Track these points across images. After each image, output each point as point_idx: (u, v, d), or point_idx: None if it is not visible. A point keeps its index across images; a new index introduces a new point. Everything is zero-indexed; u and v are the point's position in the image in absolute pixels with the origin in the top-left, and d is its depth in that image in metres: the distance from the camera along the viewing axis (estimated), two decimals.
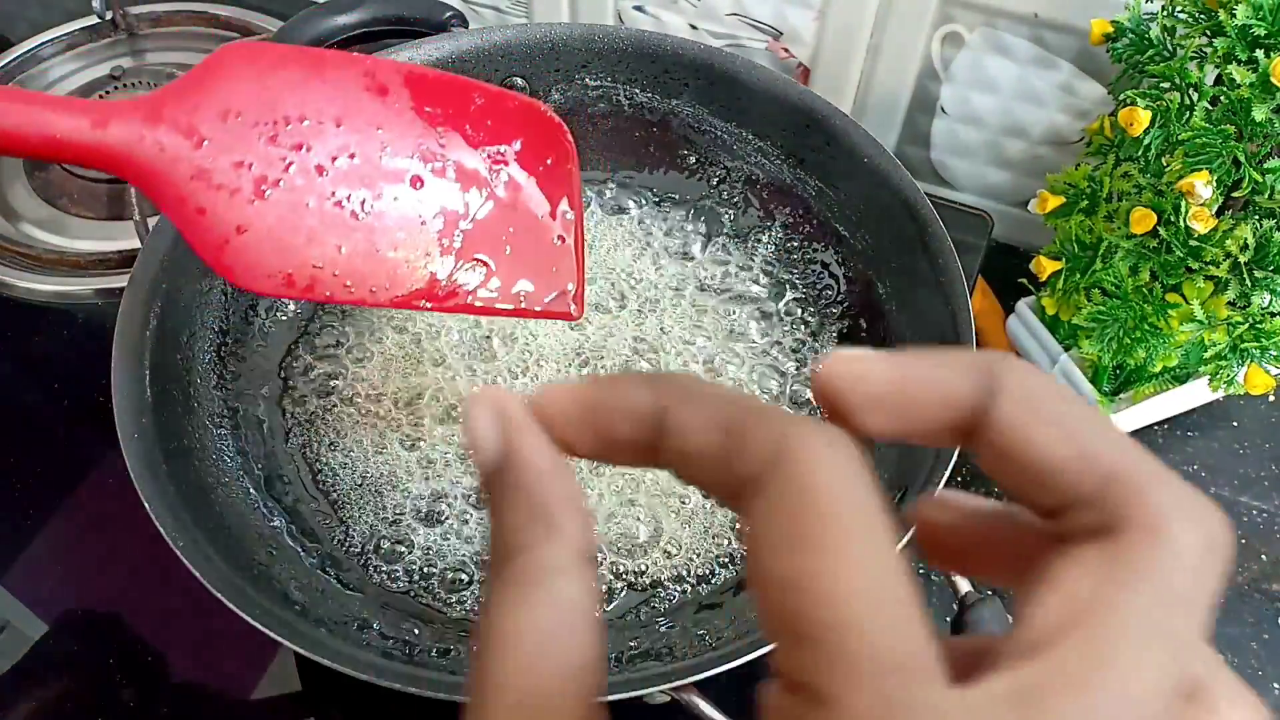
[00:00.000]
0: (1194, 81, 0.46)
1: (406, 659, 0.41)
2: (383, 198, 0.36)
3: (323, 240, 0.34)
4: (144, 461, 0.40)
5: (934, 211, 0.48)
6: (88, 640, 0.49)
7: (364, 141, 0.35)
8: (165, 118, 0.32)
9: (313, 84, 0.35)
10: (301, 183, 0.34)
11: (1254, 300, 0.46)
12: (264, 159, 0.33)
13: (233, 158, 0.33)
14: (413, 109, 0.37)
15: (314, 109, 0.35)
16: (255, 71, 0.34)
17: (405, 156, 0.36)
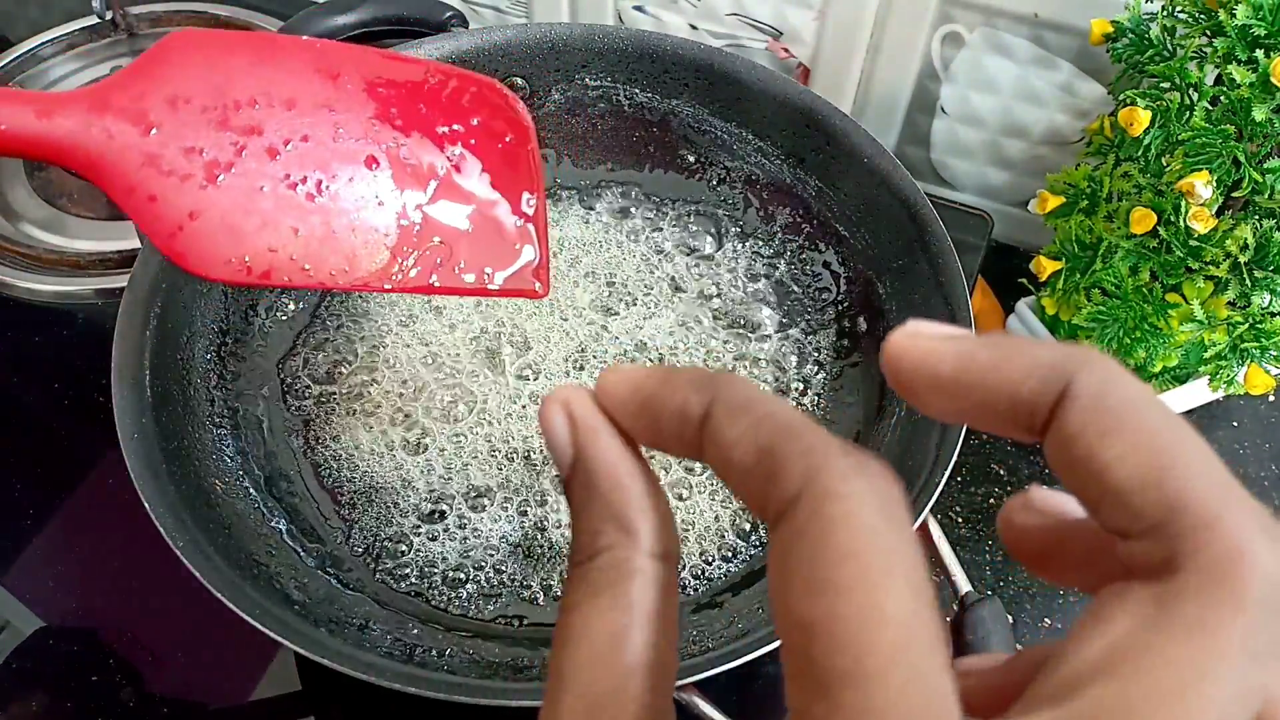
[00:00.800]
0: (1194, 81, 0.46)
1: (406, 659, 0.41)
2: (338, 179, 0.35)
3: (278, 224, 0.34)
4: (144, 461, 0.40)
5: (934, 211, 0.48)
6: (88, 640, 0.49)
7: (316, 124, 0.35)
8: (112, 105, 0.31)
9: (262, 68, 0.34)
10: (254, 166, 0.33)
11: (1254, 300, 0.46)
12: (215, 143, 0.33)
13: (183, 144, 0.32)
14: (365, 90, 0.36)
15: (264, 92, 0.34)
16: (203, 56, 0.33)
17: (358, 138, 0.35)
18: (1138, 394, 0.15)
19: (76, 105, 0.31)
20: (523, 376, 0.52)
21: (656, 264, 0.57)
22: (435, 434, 0.50)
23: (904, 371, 0.16)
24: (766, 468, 0.15)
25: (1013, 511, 0.18)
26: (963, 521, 0.55)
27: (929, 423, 0.44)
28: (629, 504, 0.17)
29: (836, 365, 0.53)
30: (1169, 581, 0.13)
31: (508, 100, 0.39)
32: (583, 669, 0.15)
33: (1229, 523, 0.13)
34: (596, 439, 0.17)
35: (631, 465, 0.17)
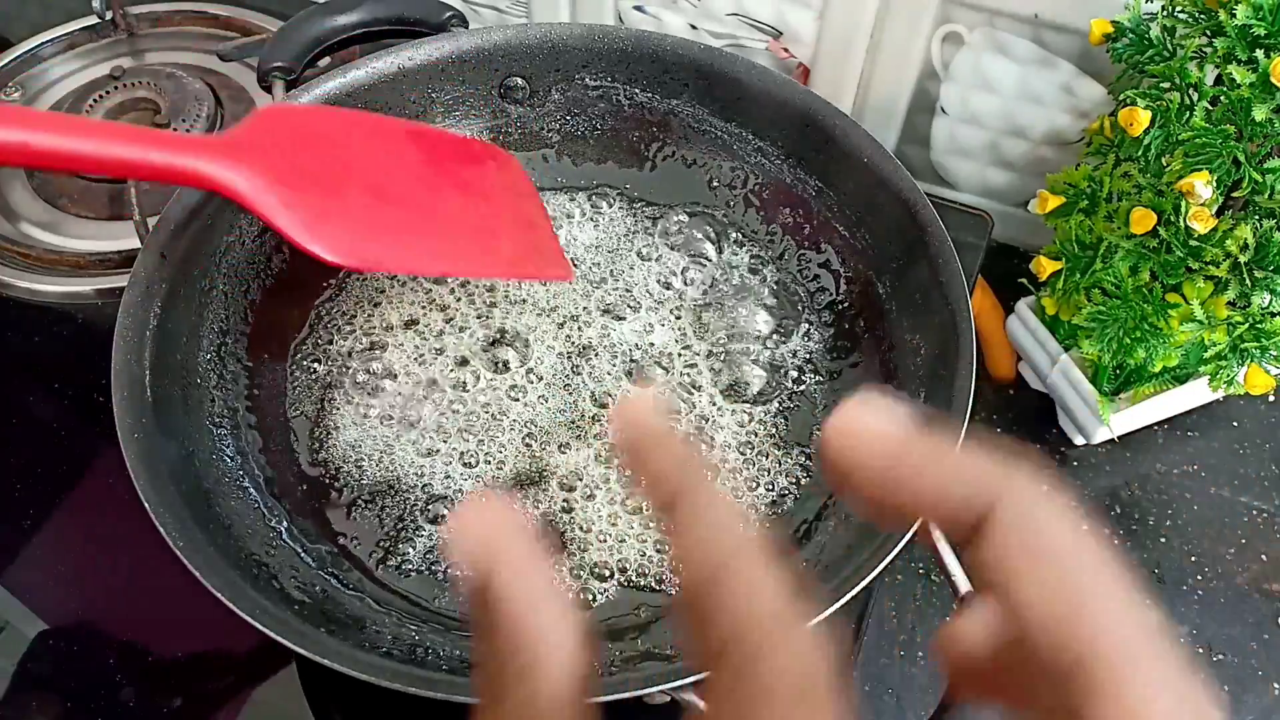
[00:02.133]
0: (1194, 81, 0.46)
1: (406, 659, 0.41)
2: (413, 198, 0.46)
3: (381, 226, 0.44)
4: (144, 461, 0.40)
5: (934, 211, 0.48)
6: (87, 640, 0.49)
7: (385, 158, 0.47)
8: (244, 153, 0.41)
9: (340, 124, 0.48)
10: (355, 186, 0.44)
11: (1254, 300, 0.46)
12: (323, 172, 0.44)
13: (302, 174, 0.43)
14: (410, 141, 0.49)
15: (345, 141, 0.46)
16: (296, 117, 0.46)
17: (418, 170, 0.47)
18: (1059, 529, 0.14)
19: (218, 152, 0.40)
20: (525, 377, 0.52)
21: (656, 264, 0.57)
22: (436, 435, 0.50)
23: (832, 458, 0.16)
24: (708, 600, 0.15)
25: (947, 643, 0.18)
26: None
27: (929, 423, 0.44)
28: (540, 638, 0.16)
29: (837, 365, 0.53)
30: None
31: (500, 152, 0.54)
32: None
33: (1133, 687, 0.13)
34: (510, 563, 0.16)
35: (547, 591, 0.16)
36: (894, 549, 0.38)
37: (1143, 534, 0.54)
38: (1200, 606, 0.52)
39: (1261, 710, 0.48)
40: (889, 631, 0.50)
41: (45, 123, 0.38)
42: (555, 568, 0.17)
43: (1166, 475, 0.56)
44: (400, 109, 0.56)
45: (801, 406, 0.52)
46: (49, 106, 0.72)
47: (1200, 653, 0.50)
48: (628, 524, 0.47)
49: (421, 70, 0.56)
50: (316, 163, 0.43)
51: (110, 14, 0.75)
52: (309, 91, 0.53)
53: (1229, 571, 0.53)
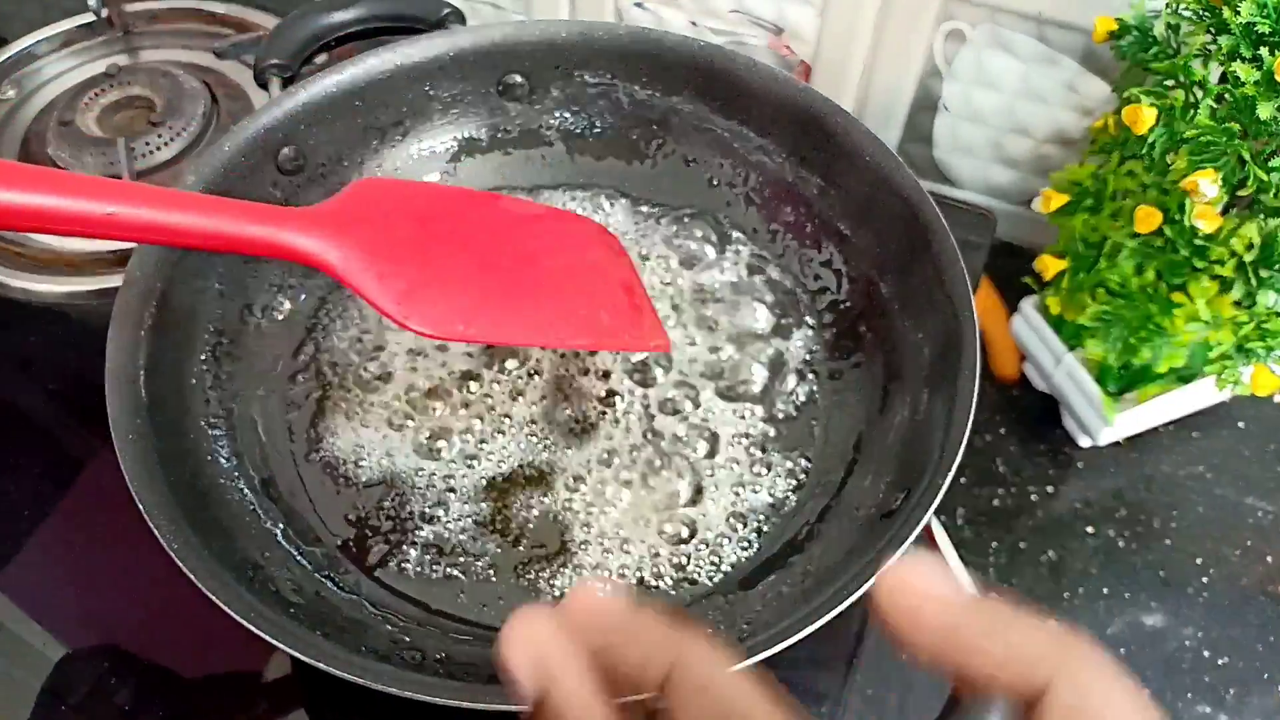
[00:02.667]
0: (1199, 79, 0.46)
1: (403, 662, 0.40)
2: (508, 269, 0.45)
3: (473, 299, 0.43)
4: (139, 462, 0.40)
5: (937, 210, 0.48)
6: (83, 642, 0.49)
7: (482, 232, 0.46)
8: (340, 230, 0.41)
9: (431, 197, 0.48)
10: (447, 258, 0.44)
11: (1260, 300, 0.46)
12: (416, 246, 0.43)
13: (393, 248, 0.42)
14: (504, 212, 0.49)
15: (437, 213, 0.46)
16: (390, 189, 0.47)
17: (517, 244, 0.47)
18: (1114, 709, 0.15)
19: (315, 225, 0.41)
20: (526, 377, 0.52)
21: (657, 263, 0.57)
22: (435, 437, 0.50)
23: (888, 617, 0.16)
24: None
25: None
26: (966, 523, 0.54)
27: (932, 423, 0.44)
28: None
29: (839, 365, 0.52)
30: None
31: (605, 231, 0.53)
32: None
33: None
34: (564, 682, 0.17)
35: (599, 707, 0.17)
36: (897, 552, 0.37)
37: (1148, 535, 0.54)
38: (1206, 608, 0.51)
39: (1266, 712, 0.48)
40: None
41: (137, 195, 0.37)
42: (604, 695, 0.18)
43: (1172, 476, 0.56)
44: (398, 106, 0.56)
45: (803, 407, 0.51)
46: (45, 105, 0.71)
47: (1206, 655, 0.50)
48: (630, 524, 0.47)
49: (419, 67, 0.55)
50: (409, 235, 0.43)
51: (106, 11, 0.75)
52: (306, 88, 0.53)
53: (1235, 573, 0.52)
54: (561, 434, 0.50)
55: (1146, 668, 0.49)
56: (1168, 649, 0.50)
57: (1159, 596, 0.52)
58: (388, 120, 0.56)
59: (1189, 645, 0.50)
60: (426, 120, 0.57)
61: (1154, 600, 0.51)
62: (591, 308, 0.47)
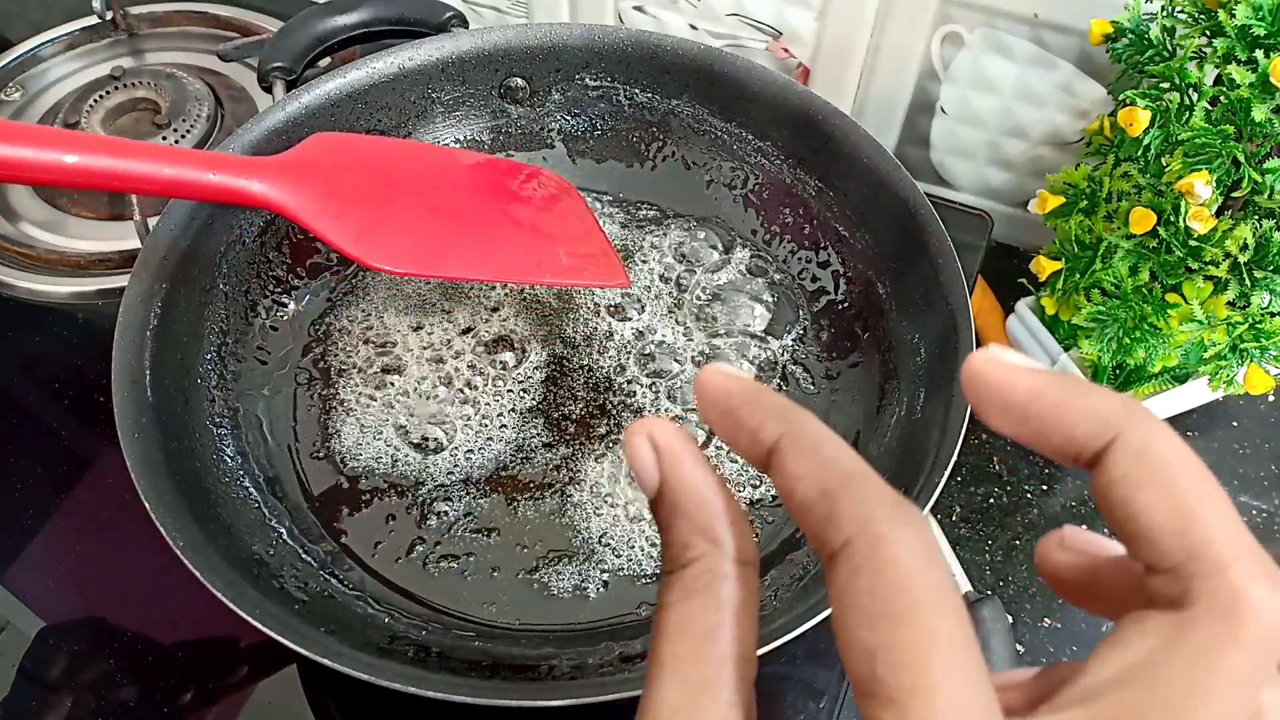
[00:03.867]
0: (1193, 82, 0.46)
1: (407, 658, 0.41)
2: (464, 212, 0.48)
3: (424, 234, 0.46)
4: (144, 461, 0.40)
5: (934, 212, 0.48)
6: (88, 640, 0.49)
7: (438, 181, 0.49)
8: (295, 174, 0.44)
9: (388, 150, 0.50)
10: (401, 201, 0.47)
11: (1254, 300, 0.46)
12: (372, 189, 0.46)
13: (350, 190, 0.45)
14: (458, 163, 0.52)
15: (394, 163, 0.49)
16: (346, 142, 0.49)
17: (473, 191, 0.50)
18: (1175, 452, 0.17)
19: (270, 172, 0.43)
20: (528, 378, 0.52)
21: (657, 264, 0.57)
22: (439, 435, 0.50)
23: (980, 389, 0.19)
24: (825, 508, 0.17)
25: (1049, 549, 0.21)
26: (962, 521, 0.55)
27: (928, 423, 0.44)
28: (715, 519, 0.19)
29: (836, 366, 0.53)
30: (1183, 614, 0.16)
31: (557, 177, 0.55)
32: (683, 660, 0.18)
33: (1237, 570, 0.16)
34: (680, 464, 0.19)
35: (714, 485, 0.19)
36: None
37: None
38: None
39: None
40: None
41: (100, 146, 0.39)
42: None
43: None
44: (401, 109, 0.56)
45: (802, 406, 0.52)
46: (49, 107, 0.72)
47: None
48: (630, 521, 0.47)
49: (422, 70, 0.56)
50: (365, 181, 0.46)
51: (110, 14, 0.75)
52: (309, 91, 0.53)
53: None
54: (564, 431, 0.50)
55: None
56: None
57: None
58: (390, 123, 0.57)
59: None
60: (429, 122, 0.58)
61: None
62: (549, 247, 0.49)
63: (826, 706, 0.47)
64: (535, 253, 0.49)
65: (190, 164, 0.41)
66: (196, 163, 0.41)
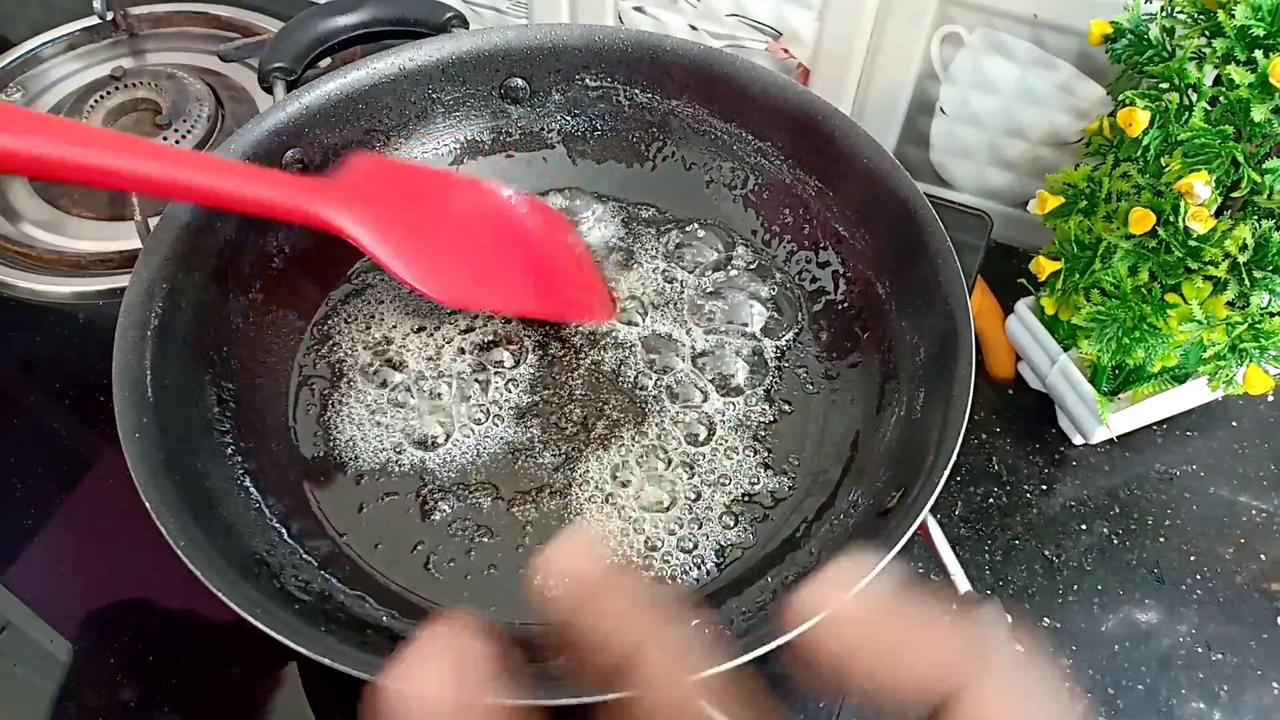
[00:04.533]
0: (1193, 82, 0.46)
1: None
2: (487, 245, 0.52)
3: (460, 269, 0.50)
4: (145, 461, 0.40)
5: (933, 212, 0.48)
6: (88, 640, 0.49)
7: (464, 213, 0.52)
8: (357, 202, 0.47)
9: (420, 179, 0.53)
10: (444, 236, 0.50)
11: (1253, 300, 0.47)
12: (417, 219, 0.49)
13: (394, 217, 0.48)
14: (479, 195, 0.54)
15: (428, 194, 0.52)
16: (388, 170, 0.51)
17: (492, 223, 0.53)
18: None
19: (337, 199, 0.46)
20: (529, 376, 0.52)
21: (658, 264, 0.57)
22: (440, 434, 0.50)
23: (819, 648, 0.17)
24: None
25: None
26: (962, 521, 0.55)
27: (928, 423, 0.44)
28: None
29: (836, 366, 0.53)
30: None
31: (550, 211, 0.57)
32: None
33: None
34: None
35: None
36: (892, 549, 0.38)
37: (1142, 533, 0.54)
38: (1199, 606, 0.52)
39: (1261, 710, 0.48)
40: None
41: (182, 161, 0.42)
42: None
43: (1165, 475, 0.57)
44: (401, 109, 0.57)
45: (800, 405, 0.52)
46: (49, 107, 0.72)
47: (1199, 652, 0.50)
48: (629, 520, 0.47)
49: (422, 71, 0.56)
50: (411, 212, 0.49)
51: (111, 14, 0.76)
52: (310, 91, 0.53)
53: (1228, 571, 0.53)
54: (563, 431, 0.50)
55: (1140, 665, 0.50)
56: (1162, 646, 0.50)
57: (1153, 594, 0.52)
58: (391, 123, 0.57)
59: (1183, 642, 0.51)
60: (429, 123, 0.58)
61: (1148, 598, 0.52)
62: (559, 283, 0.53)
63: (826, 706, 0.47)
64: (545, 286, 0.52)
65: (263, 183, 0.44)
66: (268, 182, 0.44)
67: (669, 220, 0.59)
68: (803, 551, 0.45)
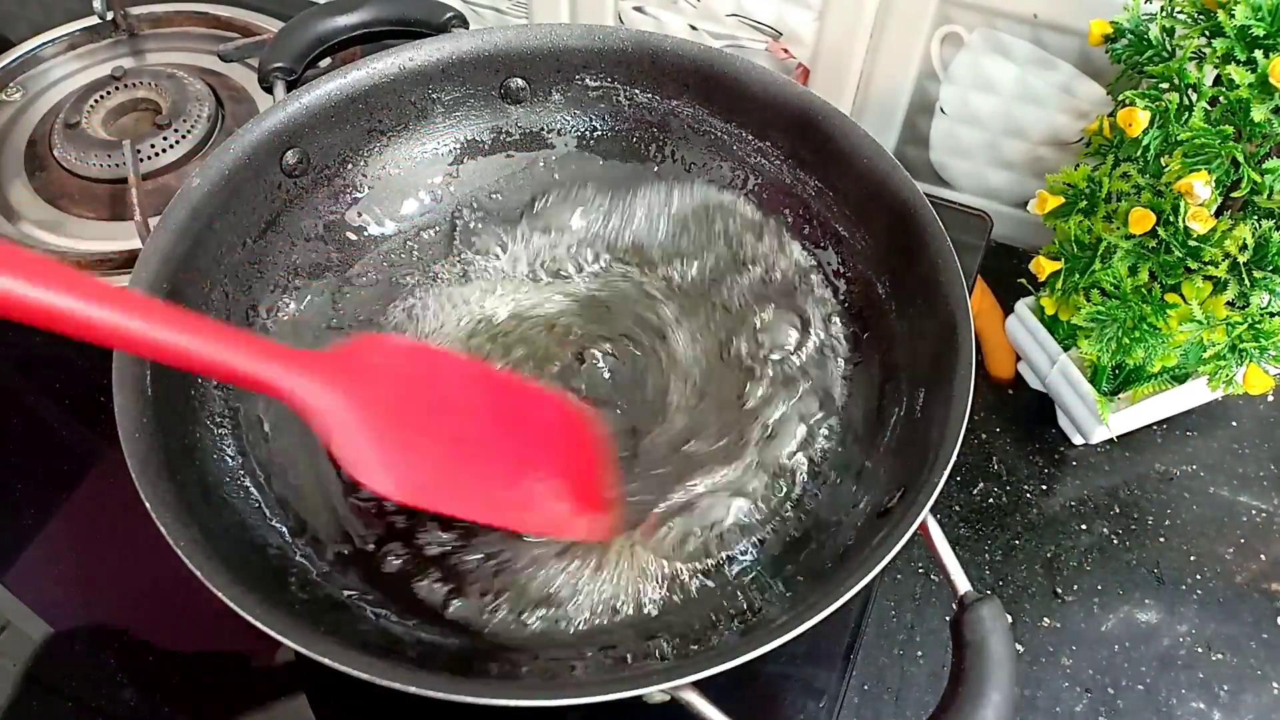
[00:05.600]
0: (1193, 82, 0.46)
1: (409, 658, 0.41)
2: (483, 447, 0.45)
3: (445, 470, 0.43)
4: (144, 461, 0.40)
5: (933, 212, 0.48)
6: (88, 640, 0.49)
7: (467, 408, 0.46)
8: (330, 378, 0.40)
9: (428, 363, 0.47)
10: (428, 431, 0.43)
11: (1253, 300, 0.47)
12: (400, 413, 0.43)
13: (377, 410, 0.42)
14: (493, 390, 0.48)
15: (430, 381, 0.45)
16: (390, 352, 0.45)
17: (497, 422, 0.46)
18: None
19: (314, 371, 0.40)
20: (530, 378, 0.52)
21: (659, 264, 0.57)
22: None
23: None
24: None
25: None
26: (962, 521, 0.55)
27: (928, 422, 0.44)
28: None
29: (836, 365, 0.53)
30: None
31: (583, 417, 0.50)
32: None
33: None
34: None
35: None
36: (892, 549, 0.38)
37: (1142, 533, 0.54)
38: (1199, 605, 0.52)
39: (1260, 709, 0.48)
40: (889, 631, 0.50)
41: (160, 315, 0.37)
42: None
43: (1165, 475, 0.57)
44: (401, 109, 0.56)
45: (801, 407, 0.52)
46: (50, 107, 0.72)
47: (1199, 652, 0.50)
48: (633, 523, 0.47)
49: (422, 71, 0.56)
50: (397, 400, 0.43)
51: (111, 14, 0.76)
52: (310, 91, 0.53)
53: (1228, 571, 0.53)
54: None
55: (1140, 664, 0.50)
56: (1161, 646, 0.50)
57: (1153, 594, 0.52)
58: (391, 123, 0.57)
59: (1183, 642, 0.51)
60: (429, 123, 0.58)
61: (1148, 597, 0.52)
62: (554, 495, 0.46)
63: (826, 705, 0.47)
64: (538, 499, 0.45)
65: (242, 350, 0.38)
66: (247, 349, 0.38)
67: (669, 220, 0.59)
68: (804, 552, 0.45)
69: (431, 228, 0.58)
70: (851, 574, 0.38)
